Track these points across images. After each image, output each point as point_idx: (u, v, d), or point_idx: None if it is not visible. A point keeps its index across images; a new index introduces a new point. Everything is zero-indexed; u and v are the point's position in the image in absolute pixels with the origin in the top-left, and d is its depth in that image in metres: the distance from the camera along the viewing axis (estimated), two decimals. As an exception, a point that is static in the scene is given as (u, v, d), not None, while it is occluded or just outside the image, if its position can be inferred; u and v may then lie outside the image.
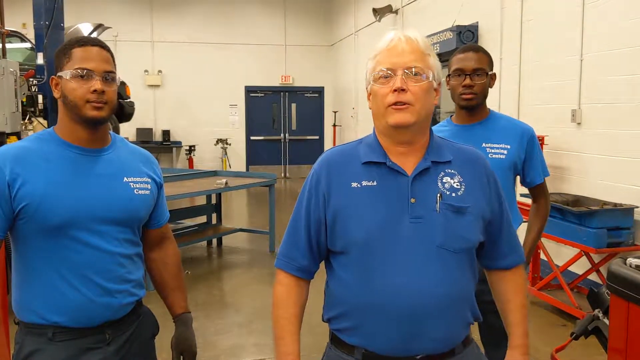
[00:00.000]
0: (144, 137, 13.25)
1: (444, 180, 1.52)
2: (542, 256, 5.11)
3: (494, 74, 2.48)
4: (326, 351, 1.64)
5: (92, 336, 1.71)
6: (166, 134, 13.48)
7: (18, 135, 2.88)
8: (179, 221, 7.35)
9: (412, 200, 1.48)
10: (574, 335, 2.09)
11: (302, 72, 14.18)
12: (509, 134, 2.46)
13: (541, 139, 5.30)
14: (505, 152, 2.43)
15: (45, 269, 1.67)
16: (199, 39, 13.49)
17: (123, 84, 9.08)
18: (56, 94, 1.72)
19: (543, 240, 4.92)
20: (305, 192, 1.59)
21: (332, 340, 1.60)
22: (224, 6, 13.69)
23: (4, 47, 2.76)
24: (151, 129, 13.46)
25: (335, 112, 13.66)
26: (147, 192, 1.83)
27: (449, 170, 1.53)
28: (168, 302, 1.99)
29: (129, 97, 9.21)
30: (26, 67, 6.60)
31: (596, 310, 2.03)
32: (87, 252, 1.68)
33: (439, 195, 1.49)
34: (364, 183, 1.51)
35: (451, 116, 2.58)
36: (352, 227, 1.49)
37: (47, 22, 5.31)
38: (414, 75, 1.46)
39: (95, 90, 1.67)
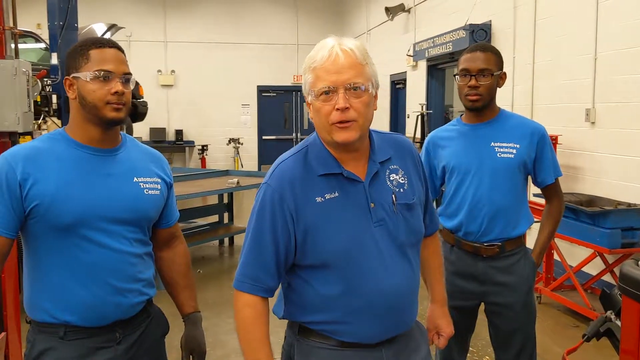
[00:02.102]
0: (157, 136, 13.30)
1: (391, 179, 1.61)
2: (556, 256, 5.06)
3: (504, 74, 2.45)
4: (294, 344, 1.63)
5: (102, 335, 1.72)
6: (179, 133, 13.52)
7: (31, 135, 2.93)
8: (191, 220, 7.38)
9: (372, 205, 1.55)
10: (586, 337, 2.07)
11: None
12: (518, 133, 2.43)
13: (554, 139, 5.26)
14: (515, 151, 2.40)
15: (56, 268, 1.68)
16: (211, 39, 13.51)
17: (136, 83, 9.10)
18: (71, 95, 1.73)
19: (556, 240, 4.88)
20: (267, 211, 1.55)
21: (300, 332, 1.62)
22: (236, 6, 13.71)
23: (16, 47, 2.79)
24: (164, 128, 13.51)
25: (347, 112, 13.62)
26: (157, 192, 1.84)
27: (393, 167, 1.62)
28: (178, 301, 2.00)
29: (142, 97, 9.25)
30: (40, 67, 6.66)
31: (608, 312, 2.02)
32: (98, 251, 1.69)
33: (393, 196, 1.58)
34: (327, 196, 1.53)
35: (461, 115, 2.57)
36: (325, 242, 1.52)
37: (61, 23, 5.34)
38: (355, 90, 1.48)
39: (116, 92, 1.69)
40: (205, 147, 13.48)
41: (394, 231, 1.56)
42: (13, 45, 2.66)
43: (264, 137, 14.24)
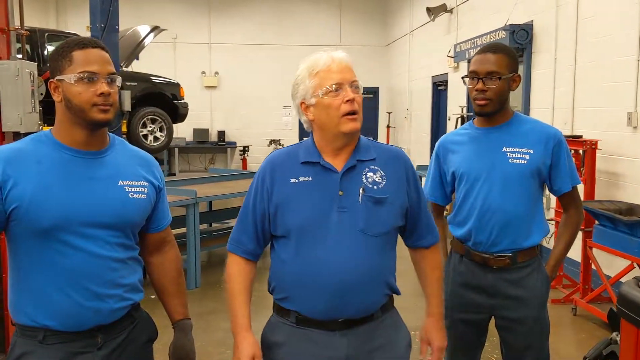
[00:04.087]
0: (201, 137, 13.47)
1: (367, 175, 1.80)
2: (593, 266, 4.83)
3: (517, 76, 2.31)
4: (270, 318, 1.92)
5: (82, 340, 1.70)
6: (221, 134, 13.66)
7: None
8: (225, 221, 7.43)
9: (340, 193, 1.77)
10: None
11: (357, 73, 13.81)
12: (532, 138, 2.30)
13: (594, 144, 5.03)
14: (528, 157, 2.27)
15: (35, 272, 1.67)
16: (255, 41, 13.60)
17: (177, 85, 9.26)
18: (56, 98, 1.71)
19: (594, 250, 4.66)
20: (253, 188, 1.87)
21: (274, 308, 1.89)
22: (280, 8, 13.76)
23: (23, 48, 2.84)
24: (207, 129, 13.68)
25: (389, 113, 13.48)
26: (143, 195, 1.80)
27: (373, 167, 1.81)
28: (167, 308, 1.97)
29: (183, 98, 9.38)
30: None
31: (614, 334, 1.87)
32: (76, 255, 1.66)
33: (361, 188, 1.77)
34: (301, 179, 1.79)
35: (473, 119, 2.45)
36: (291, 215, 1.78)
37: (102, 25, 5.45)
38: (356, 88, 1.76)
39: (102, 93, 1.66)
40: (246, 148, 13.57)
41: (356, 218, 1.75)
42: (19, 46, 2.71)
43: (304, 139, 14.18)
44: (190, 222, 5.52)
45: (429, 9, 9.67)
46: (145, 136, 8.44)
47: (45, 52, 7.13)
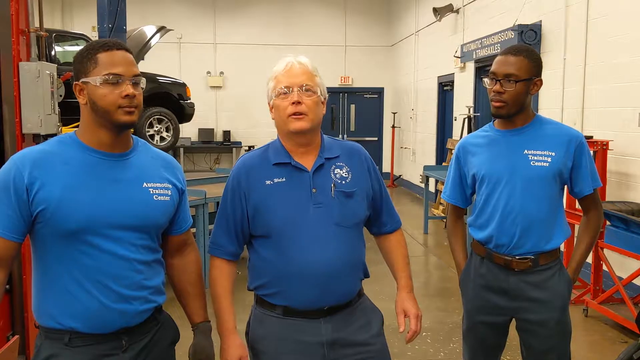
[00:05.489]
0: (206, 137, 13.47)
1: (335, 172, 1.93)
2: (605, 268, 4.81)
3: (539, 80, 2.30)
4: (252, 312, 2.00)
5: (108, 342, 1.70)
6: (227, 134, 13.64)
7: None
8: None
9: (314, 190, 1.89)
10: (617, 364, 1.91)
11: (362, 73, 14.05)
12: (553, 141, 2.29)
13: (605, 144, 5.01)
14: (550, 159, 2.26)
15: (61, 274, 1.66)
16: (260, 41, 13.58)
17: (183, 85, 9.25)
18: (82, 100, 1.71)
19: (605, 251, 4.65)
20: (229, 191, 1.95)
21: (257, 302, 1.97)
22: (285, 8, 13.74)
23: (42, 50, 2.82)
24: (213, 129, 13.67)
25: (394, 114, 13.48)
26: (167, 198, 1.80)
27: (339, 163, 1.95)
28: (187, 310, 1.97)
29: (189, 98, 9.36)
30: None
31: (643, 337, 1.85)
32: (102, 257, 1.66)
33: (332, 184, 1.90)
34: (276, 180, 1.89)
35: (493, 121, 2.44)
36: (271, 216, 1.87)
37: (110, 25, 5.45)
38: (306, 91, 1.85)
39: (127, 95, 1.66)
40: (252, 148, 13.56)
41: (331, 213, 1.88)
42: (38, 48, 2.70)
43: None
44: (199, 222, 5.52)
45: (435, 9, 9.65)
46: (152, 136, 8.44)
47: (53, 53, 7.12)
